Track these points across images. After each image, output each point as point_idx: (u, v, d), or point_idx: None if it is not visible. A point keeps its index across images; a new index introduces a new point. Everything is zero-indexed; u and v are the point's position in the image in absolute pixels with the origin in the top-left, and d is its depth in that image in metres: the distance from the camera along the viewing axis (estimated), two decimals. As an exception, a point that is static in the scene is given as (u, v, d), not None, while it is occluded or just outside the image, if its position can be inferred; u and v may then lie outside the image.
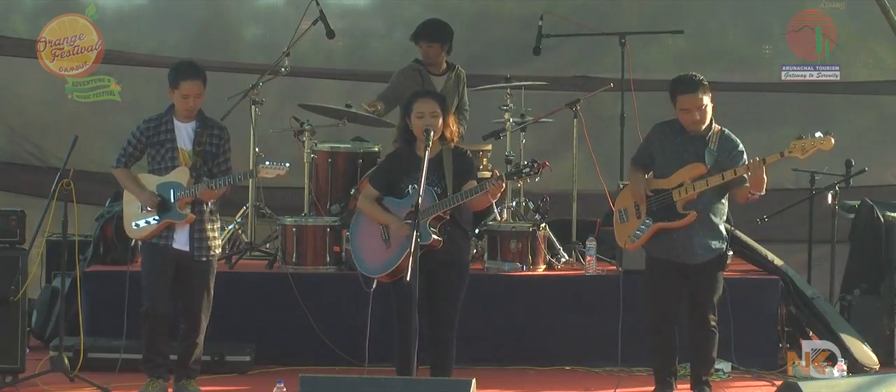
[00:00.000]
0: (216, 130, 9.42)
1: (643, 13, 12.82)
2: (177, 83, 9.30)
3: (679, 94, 9.11)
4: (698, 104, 9.04)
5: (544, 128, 11.88)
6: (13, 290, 9.78)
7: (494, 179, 8.87)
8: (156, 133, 9.36)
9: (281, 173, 9.41)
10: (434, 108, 8.96)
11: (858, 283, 11.39)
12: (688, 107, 9.06)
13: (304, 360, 10.45)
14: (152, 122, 9.40)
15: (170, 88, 9.35)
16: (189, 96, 9.28)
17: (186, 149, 9.34)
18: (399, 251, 8.83)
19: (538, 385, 10.30)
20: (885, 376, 9.32)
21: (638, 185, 9.26)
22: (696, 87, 9.06)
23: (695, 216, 9.04)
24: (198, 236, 9.32)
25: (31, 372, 9.89)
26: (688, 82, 9.10)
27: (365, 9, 13.22)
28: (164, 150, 9.33)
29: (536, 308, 10.77)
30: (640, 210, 9.24)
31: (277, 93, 12.10)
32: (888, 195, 12.03)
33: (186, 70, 9.34)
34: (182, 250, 9.31)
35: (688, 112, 9.07)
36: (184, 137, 9.35)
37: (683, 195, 9.05)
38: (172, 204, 9.26)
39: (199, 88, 9.32)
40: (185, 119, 9.35)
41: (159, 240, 9.33)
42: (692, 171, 9.04)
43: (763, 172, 8.84)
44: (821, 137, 8.84)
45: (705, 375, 9.30)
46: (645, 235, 9.23)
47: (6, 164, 12.76)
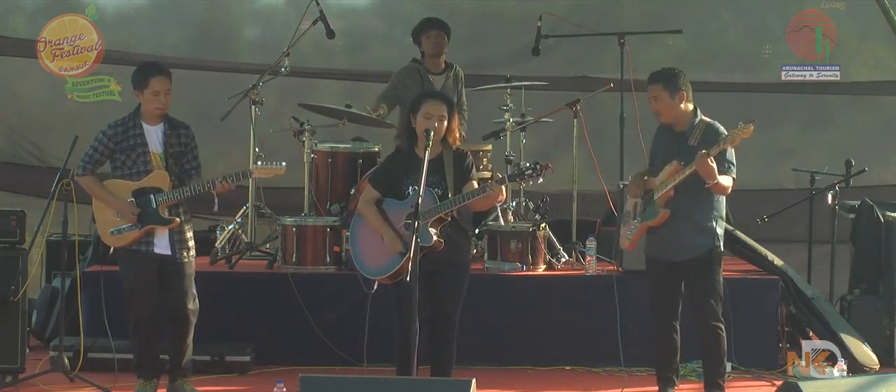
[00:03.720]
0: (183, 129, 9.36)
1: (643, 13, 12.83)
2: (146, 82, 9.21)
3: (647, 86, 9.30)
4: (653, 94, 9.19)
5: (544, 128, 11.88)
6: (13, 290, 9.78)
7: (496, 182, 8.87)
8: (124, 138, 9.26)
9: (279, 173, 9.40)
10: (442, 111, 8.93)
11: (859, 284, 11.39)
12: (649, 97, 9.25)
13: (304, 360, 10.45)
14: (119, 127, 9.29)
15: (137, 91, 9.26)
16: (160, 93, 9.20)
17: (158, 152, 9.28)
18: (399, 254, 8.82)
19: (538, 385, 10.30)
20: (885, 376, 9.31)
21: (633, 186, 9.37)
22: (653, 78, 9.23)
23: (667, 215, 9.11)
24: (178, 238, 9.28)
25: (31, 372, 9.89)
26: (651, 75, 9.28)
27: (365, 9, 13.22)
28: (135, 154, 9.24)
29: (536, 308, 10.77)
30: (636, 211, 9.32)
31: (277, 93, 12.10)
32: (888, 195, 12.03)
33: (153, 68, 9.30)
34: (164, 254, 9.26)
35: (650, 102, 9.24)
36: (154, 140, 9.26)
37: (660, 194, 9.13)
38: (154, 210, 9.22)
39: (168, 85, 9.25)
40: (154, 120, 9.28)
41: (139, 246, 9.26)
42: (670, 170, 9.13)
43: (706, 162, 8.89)
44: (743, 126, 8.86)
45: (716, 376, 9.28)
46: (635, 235, 9.31)
47: (6, 164, 12.76)
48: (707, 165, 8.92)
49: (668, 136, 9.27)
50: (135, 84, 9.29)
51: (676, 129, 9.23)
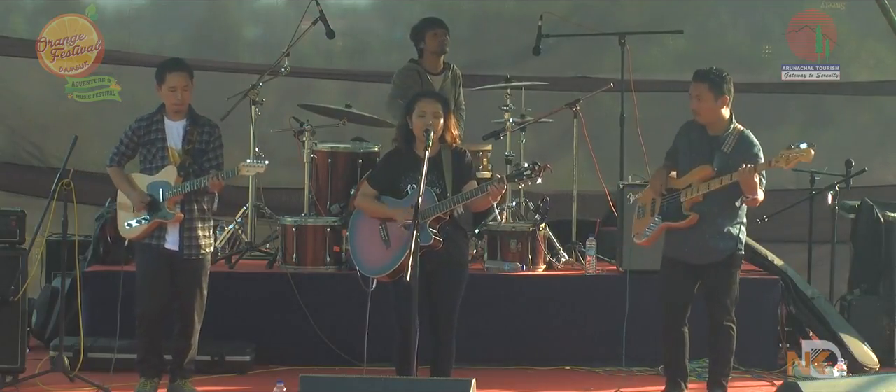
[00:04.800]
0: (207, 127, 9.40)
1: (643, 13, 12.83)
2: (163, 77, 9.30)
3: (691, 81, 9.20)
4: (696, 92, 9.12)
5: (544, 128, 11.88)
6: (13, 290, 9.78)
7: (495, 181, 8.86)
8: (147, 132, 9.35)
9: (260, 170, 9.42)
10: (436, 109, 8.95)
11: (859, 284, 11.39)
12: (690, 94, 9.15)
13: (304, 360, 10.45)
14: (144, 121, 9.40)
15: (157, 86, 9.35)
16: (176, 88, 9.27)
17: (176, 147, 9.33)
18: (399, 252, 8.82)
19: (538, 385, 10.30)
20: (885, 376, 9.32)
21: (657, 182, 9.29)
22: (699, 77, 9.16)
23: (696, 218, 9.06)
24: (187, 235, 9.31)
25: (31, 372, 9.89)
26: (698, 72, 9.21)
27: (365, 9, 13.22)
28: (155, 148, 9.32)
29: (536, 308, 10.77)
30: (655, 207, 9.28)
31: (277, 93, 12.10)
32: (888, 195, 12.02)
33: (171, 64, 9.38)
34: (173, 250, 9.30)
35: (691, 99, 9.15)
36: (174, 136, 9.33)
37: (689, 196, 9.09)
38: (161, 203, 9.25)
39: (186, 80, 9.31)
40: (176, 116, 9.34)
41: (151, 240, 9.31)
42: (700, 173, 9.07)
43: (752, 177, 8.87)
44: (804, 149, 8.85)
45: (722, 376, 9.29)
46: (653, 233, 9.28)
47: (6, 164, 12.76)
48: (751, 180, 8.88)
49: (699, 136, 9.18)
50: (155, 80, 9.38)
51: (710, 133, 9.16)
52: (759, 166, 8.90)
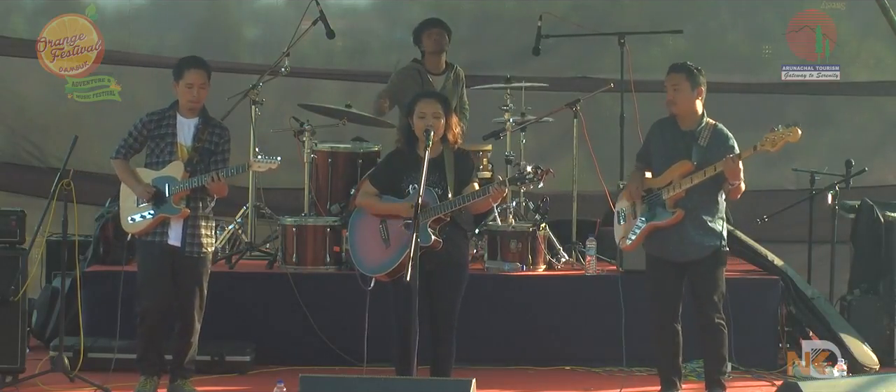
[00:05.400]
0: (218, 129, 9.43)
1: (643, 13, 12.83)
2: (181, 73, 9.33)
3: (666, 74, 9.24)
4: (673, 82, 9.19)
5: (544, 128, 11.88)
6: (13, 290, 9.78)
7: (497, 184, 8.86)
8: (158, 127, 9.37)
9: (272, 167, 9.42)
10: (436, 109, 8.95)
11: (859, 284, 11.39)
12: (667, 85, 9.22)
13: (304, 360, 10.46)
14: (155, 116, 9.42)
15: (174, 82, 9.38)
16: (194, 85, 9.30)
17: (185, 144, 9.34)
18: (398, 251, 8.83)
19: (538, 385, 10.30)
20: (885, 376, 9.32)
21: (634, 185, 9.32)
22: (676, 68, 9.24)
23: (682, 215, 9.09)
24: (190, 232, 9.31)
25: (31, 372, 9.89)
26: (673, 65, 9.30)
27: (365, 9, 13.22)
28: (163, 143, 9.33)
29: (536, 308, 10.77)
30: (636, 210, 9.29)
31: (277, 93, 12.10)
32: (888, 195, 12.03)
33: (190, 60, 9.41)
34: (175, 246, 9.31)
35: (667, 90, 9.22)
36: (185, 133, 9.36)
37: (671, 193, 9.12)
38: (167, 198, 9.25)
39: (204, 78, 9.34)
40: (189, 113, 9.36)
41: (154, 236, 9.31)
42: (680, 169, 9.11)
43: (737, 165, 8.92)
44: (787, 130, 8.92)
45: (718, 374, 9.29)
46: (639, 235, 9.29)
47: (6, 164, 12.76)
48: (737, 169, 8.92)
49: (673, 133, 9.23)
50: (173, 76, 9.39)
51: (682, 128, 9.20)
52: (744, 154, 8.93)
